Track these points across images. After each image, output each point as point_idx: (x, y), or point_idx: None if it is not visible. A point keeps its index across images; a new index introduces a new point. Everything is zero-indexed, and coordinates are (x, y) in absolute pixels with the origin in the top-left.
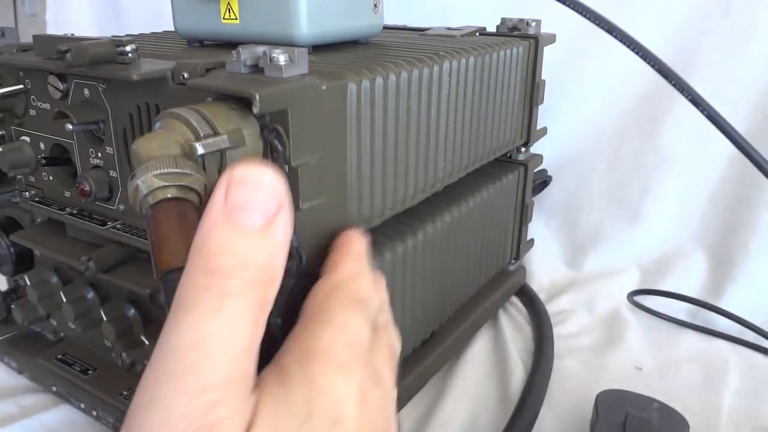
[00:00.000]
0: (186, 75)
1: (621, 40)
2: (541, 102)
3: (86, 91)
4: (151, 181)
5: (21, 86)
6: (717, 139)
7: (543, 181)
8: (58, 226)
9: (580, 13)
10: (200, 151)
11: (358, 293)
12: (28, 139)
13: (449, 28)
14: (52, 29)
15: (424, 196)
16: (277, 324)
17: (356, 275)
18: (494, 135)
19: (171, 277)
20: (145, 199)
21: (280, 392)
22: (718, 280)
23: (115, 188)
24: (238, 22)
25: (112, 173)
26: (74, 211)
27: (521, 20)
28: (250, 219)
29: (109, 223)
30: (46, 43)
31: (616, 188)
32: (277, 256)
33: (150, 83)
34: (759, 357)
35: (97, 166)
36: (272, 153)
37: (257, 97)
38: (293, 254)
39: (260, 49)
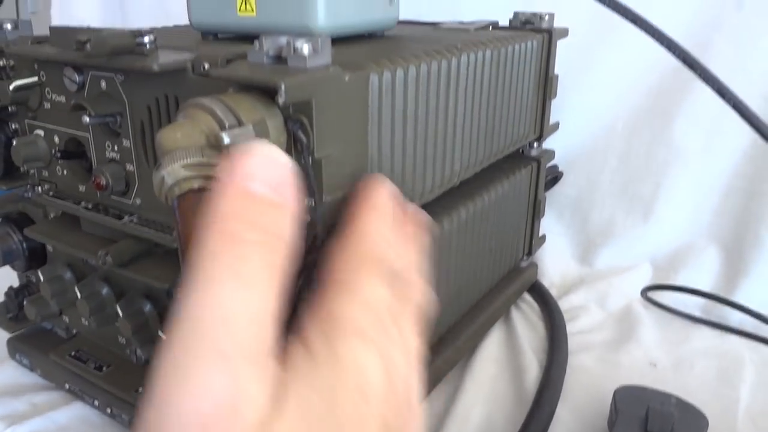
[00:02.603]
0: (207, 66)
1: (646, 30)
2: (554, 96)
3: (103, 84)
4: (178, 171)
5: (36, 78)
6: (730, 134)
7: (554, 177)
8: (71, 220)
9: (604, 3)
10: (227, 140)
11: (374, 252)
12: (42, 132)
13: (462, 23)
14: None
15: (441, 190)
16: (302, 300)
17: (373, 231)
18: (509, 129)
19: None
20: (171, 190)
21: (305, 367)
22: (732, 275)
23: (132, 182)
24: (254, 14)
25: (129, 167)
26: (89, 206)
27: (534, 14)
28: (257, 187)
29: (126, 217)
30: (63, 34)
31: (627, 183)
32: (285, 222)
33: (169, 75)
34: None
35: (113, 160)
36: (296, 144)
37: (282, 86)
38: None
39: (283, 39)
